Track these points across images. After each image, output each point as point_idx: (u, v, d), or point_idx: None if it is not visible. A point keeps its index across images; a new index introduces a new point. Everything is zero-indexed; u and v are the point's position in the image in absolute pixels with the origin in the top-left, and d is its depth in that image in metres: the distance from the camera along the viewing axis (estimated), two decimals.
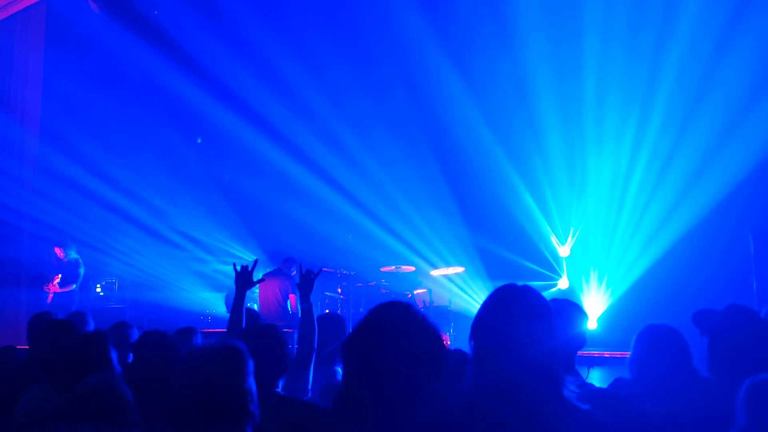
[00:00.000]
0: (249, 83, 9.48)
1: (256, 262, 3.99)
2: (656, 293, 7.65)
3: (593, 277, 8.79)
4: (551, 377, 1.67)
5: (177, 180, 10.23)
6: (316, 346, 3.46)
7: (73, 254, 8.41)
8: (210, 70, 9.54)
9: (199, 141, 10.99)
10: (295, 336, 3.78)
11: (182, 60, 9.40)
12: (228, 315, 3.77)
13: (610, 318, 8.41)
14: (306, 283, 3.74)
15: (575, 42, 8.34)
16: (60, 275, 8.16)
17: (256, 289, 7.74)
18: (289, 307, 7.73)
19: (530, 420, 1.62)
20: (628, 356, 2.89)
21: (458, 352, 2.54)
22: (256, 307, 7.66)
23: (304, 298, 3.68)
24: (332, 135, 9.59)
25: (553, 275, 9.12)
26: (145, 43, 9.33)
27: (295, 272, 7.88)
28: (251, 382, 2.07)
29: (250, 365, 2.09)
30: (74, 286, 8.31)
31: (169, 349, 3.11)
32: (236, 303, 3.64)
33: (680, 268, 7.69)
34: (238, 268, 3.75)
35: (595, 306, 8.66)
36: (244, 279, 3.69)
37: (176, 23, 9.26)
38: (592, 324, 8.51)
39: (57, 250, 8.34)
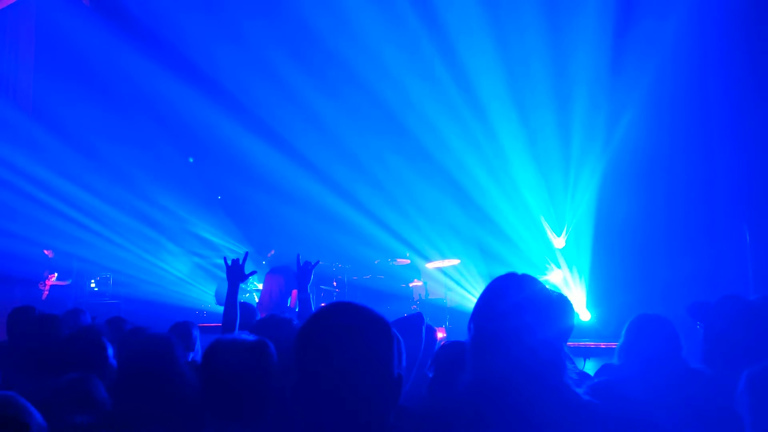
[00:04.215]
0: (238, 80, 9.43)
1: (246, 254, 3.95)
2: (653, 285, 7.63)
3: (587, 268, 8.78)
4: (553, 366, 1.66)
5: (172, 179, 10.19)
6: None
7: (64, 250, 8.43)
8: (199, 69, 9.47)
9: (191, 160, 10.96)
10: None
11: (167, 57, 9.31)
12: (217, 308, 3.74)
13: (606, 310, 8.41)
14: (304, 274, 3.73)
15: (570, 40, 8.29)
16: (56, 273, 8.21)
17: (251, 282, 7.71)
18: (288, 302, 7.71)
19: (534, 409, 1.60)
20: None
21: (456, 344, 2.51)
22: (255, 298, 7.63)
23: (302, 289, 3.67)
24: (323, 128, 9.54)
25: (547, 267, 9.10)
26: (130, 37, 9.25)
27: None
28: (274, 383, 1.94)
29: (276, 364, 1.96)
30: (70, 280, 8.35)
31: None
32: (230, 297, 3.59)
33: (677, 260, 7.68)
34: (229, 261, 3.70)
35: (587, 297, 8.66)
36: (235, 272, 3.64)
37: (164, 21, 9.18)
38: (585, 315, 8.52)
39: (47, 252, 8.37)
